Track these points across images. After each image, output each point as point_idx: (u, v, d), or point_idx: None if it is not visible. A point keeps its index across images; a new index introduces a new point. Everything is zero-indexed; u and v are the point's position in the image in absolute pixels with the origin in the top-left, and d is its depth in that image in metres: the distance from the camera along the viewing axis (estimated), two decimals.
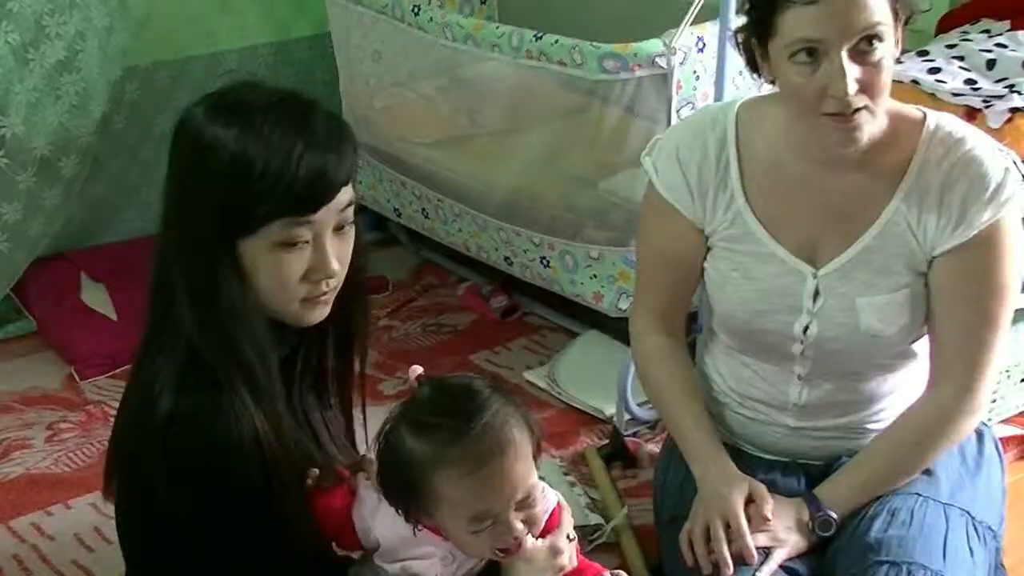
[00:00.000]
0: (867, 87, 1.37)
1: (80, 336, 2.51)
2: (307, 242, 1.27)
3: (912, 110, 1.51)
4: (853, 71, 1.36)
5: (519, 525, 1.26)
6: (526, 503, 1.27)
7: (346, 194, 1.28)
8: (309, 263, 1.28)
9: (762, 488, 1.51)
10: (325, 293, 1.31)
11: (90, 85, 2.54)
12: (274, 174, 1.22)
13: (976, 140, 1.47)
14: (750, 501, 1.50)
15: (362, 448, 1.50)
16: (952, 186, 1.45)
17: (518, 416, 1.27)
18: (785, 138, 1.51)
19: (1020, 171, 1.46)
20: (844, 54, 1.35)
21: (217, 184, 1.24)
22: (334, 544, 1.42)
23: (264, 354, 1.29)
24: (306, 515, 1.35)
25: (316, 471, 1.37)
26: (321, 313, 1.33)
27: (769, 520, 1.48)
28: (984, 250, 1.45)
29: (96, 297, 2.60)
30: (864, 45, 1.35)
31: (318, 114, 1.28)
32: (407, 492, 1.28)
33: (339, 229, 1.29)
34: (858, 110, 1.37)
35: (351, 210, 1.30)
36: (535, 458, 1.29)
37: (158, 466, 1.26)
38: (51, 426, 2.30)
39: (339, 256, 1.30)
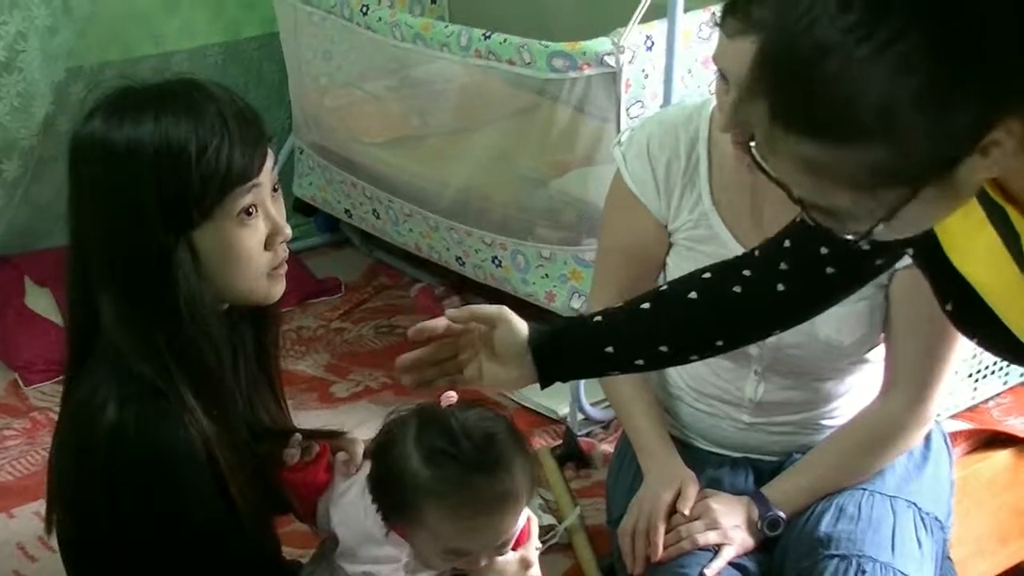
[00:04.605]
0: None
1: (24, 341, 2.46)
2: (256, 209, 1.23)
3: None
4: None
5: (485, 562, 1.28)
6: (502, 547, 1.29)
7: (269, 149, 1.26)
8: (266, 230, 1.25)
9: (692, 488, 1.52)
10: (283, 261, 1.28)
11: (32, 86, 2.50)
12: (213, 147, 1.18)
13: None
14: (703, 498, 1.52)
15: None
16: None
17: (527, 469, 1.27)
18: None
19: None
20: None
21: (154, 184, 1.18)
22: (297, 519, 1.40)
23: (221, 354, 1.26)
24: (261, 521, 1.32)
25: (299, 436, 1.35)
26: (283, 285, 1.29)
27: (686, 515, 1.49)
28: None
29: (40, 302, 2.55)
30: None
31: (206, 84, 1.24)
32: (393, 501, 1.26)
33: (274, 191, 1.27)
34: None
35: (275, 169, 1.28)
36: (528, 503, 1.30)
37: (104, 481, 1.21)
38: None
39: (283, 218, 1.28)
